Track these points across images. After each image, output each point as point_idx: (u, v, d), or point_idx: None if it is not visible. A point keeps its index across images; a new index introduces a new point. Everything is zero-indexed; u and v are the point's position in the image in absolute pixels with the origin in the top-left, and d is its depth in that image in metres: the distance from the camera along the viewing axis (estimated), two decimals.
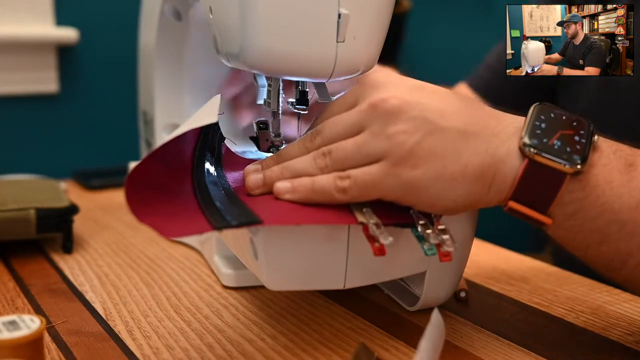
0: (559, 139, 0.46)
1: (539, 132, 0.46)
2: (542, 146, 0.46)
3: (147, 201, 0.45)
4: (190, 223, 0.45)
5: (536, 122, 0.47)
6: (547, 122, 0.47)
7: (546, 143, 0.46)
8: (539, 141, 0.46)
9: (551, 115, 0.47)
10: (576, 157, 0.46)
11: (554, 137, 0.46)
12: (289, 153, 0.51)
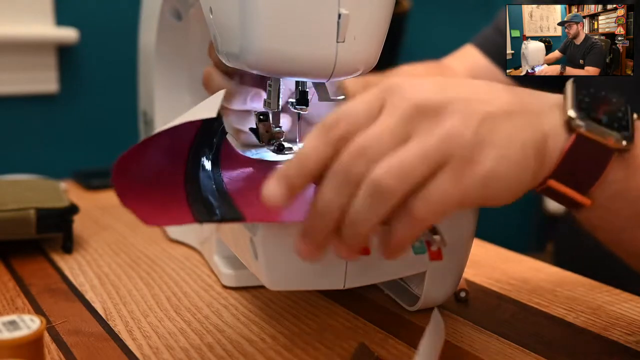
0: (606, 113, 0.44)
1: (584, 106, 0.44)
2: (590, 120, 0.43)
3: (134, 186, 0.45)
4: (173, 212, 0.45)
5: (579, 95, 0.45)
6: (589, 97, 0.45)
7: (594, 117, 0.44)
8: (586, 114, 0.44)
9: (590, 90, 0.45)
10: (625, 132, 0.43)
11: (599, 111, 0.44)
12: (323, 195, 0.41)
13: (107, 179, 1.02)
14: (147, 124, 0.81)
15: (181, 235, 0.75)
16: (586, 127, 0.43)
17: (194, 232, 0.73)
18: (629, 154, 0.44)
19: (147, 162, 0.47)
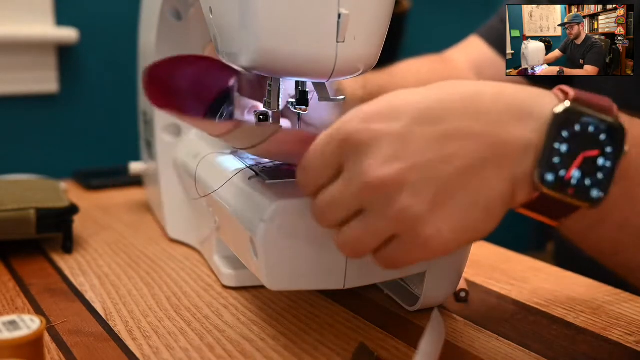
0: (580, 166, 0.41)
1: (557, 160, 0.41)
2: (557, 183, 0.41)
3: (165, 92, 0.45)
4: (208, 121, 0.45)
5: (555, 144, 0.41)
6: (569, 141, 0.41)
7: (562, 178, 0.41)
8: (554, 176, 0.41)
9: (577, 127, 0.41)
10: (595, 191, 0.41)
11: (573, 165, 0.41)
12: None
13: (107, 179, 1.03)
14: (147, 124, 0.81)
15: (181, 235, 0.75)
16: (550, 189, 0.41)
17: (194, 232, 0.73)
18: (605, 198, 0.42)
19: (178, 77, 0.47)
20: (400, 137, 0.41)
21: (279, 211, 0.48)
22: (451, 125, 0.41)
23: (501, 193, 0.41)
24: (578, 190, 0.41)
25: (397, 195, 0.40)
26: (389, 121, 0.41)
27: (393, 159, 0.41)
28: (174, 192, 0.75)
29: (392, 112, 0.41)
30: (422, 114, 0.41)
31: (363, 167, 0.41)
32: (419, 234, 0.41)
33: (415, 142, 0.41)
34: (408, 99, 0.42)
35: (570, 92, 0.42)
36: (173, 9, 0.73)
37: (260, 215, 0.48)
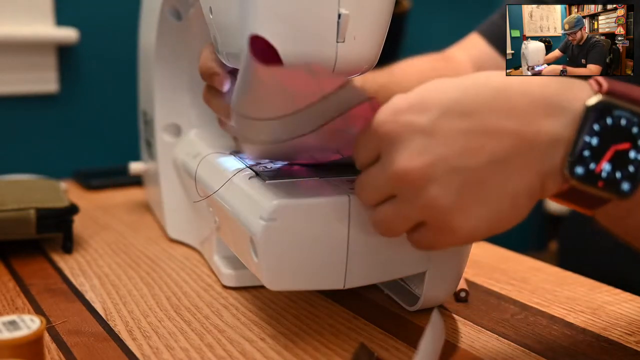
0: (611, 159, 0.41)
1: (588, 154, 0.41)
2: (587, 175, 0.41)
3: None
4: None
5: (586, 137, 0.41)
6: (601, 135, 0.41)
7: (593, 171, 0.41)
8: (584, 169, 0.41)
9: (608, 120, 0.41)
10: (626, 185, 0.41)
11: (604, 158, 0.41)
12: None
13: (107, 179, 1.03)
14: (147, 124, 0.81)
15: (181, 235, 0.75)
16: (580, 181, 0.41)
17: (194, 232, 0.73)
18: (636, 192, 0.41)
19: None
20: (428, 130, 0.42)
21: (279, 211, 0.48)
22: (479, 120, 0.42)
23: (528, 185, 0.42)
24: (608, 183, 0.41)
25: (425, 187, 0.42)
26: (418, 114, 0.42)
27: (421, 152, 0.42)
28: (174, 192, 0.75)
29: (422, 105, 0.42)
30: (451, 108, 0.42)
31: (393, 159, 0.43)
32: (446, 223, 0.42)
33: (443, 136, 0.42)
34: (438, 92, 0.43)
35: (604, 84, 0.42)
36: (173, 9, 0.73)
37: (260, 215, 0.48)
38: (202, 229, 0.70)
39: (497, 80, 0.43)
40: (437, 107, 0.42)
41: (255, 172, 0.55)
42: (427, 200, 0.42)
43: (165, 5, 0.72)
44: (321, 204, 0.48)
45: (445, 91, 0.43)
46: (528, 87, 0.42)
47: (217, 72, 0.61)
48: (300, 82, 0.44)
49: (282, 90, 0.45)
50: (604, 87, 0.41)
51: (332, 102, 0.45)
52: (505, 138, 0.41)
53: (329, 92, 0.44)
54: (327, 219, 0.48)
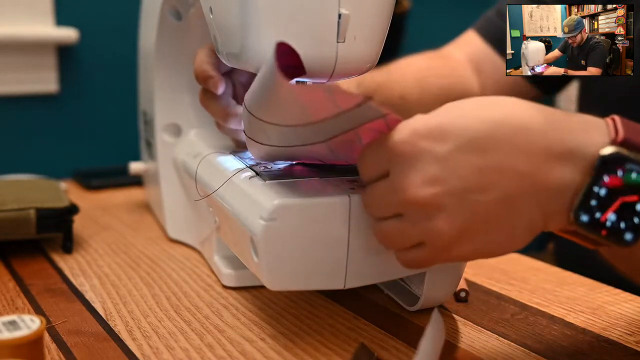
0: (617, 210, 0.42)
1: (595, 203, 0.42)
2: (591, 224, 0.42)
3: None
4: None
5: (595, 187, 0.41)
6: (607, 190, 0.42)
7: (598, 220, 0.42)
8: (590, 217, 0.42)
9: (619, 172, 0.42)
10: (629, 235, 0.42)
11: (610, 208, 0.42)
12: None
13: (107, 179, 1.03)
14: (147, 124, 0.81)
15: (181, 235, 0.75)
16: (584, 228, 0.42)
17: (194, 232, 0.73)
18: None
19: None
20: (443, 160, 0.42)
21: (279, 211, 0.48)
22: (495, 158, 0.42)
23: (531, 223, 0.43)
24: (611, 233, 0.42)
25: (432, 216, 0.43)
26: (436, 142, 0.42)
27: (434, 181, 0.42)
28: (174, 192, 0.75)
29: (441, 133, 0.43)
30: (469, 142, 0.42)
31: (405, 182, 0.43)
32: (445, 248, 0.44)
33: (457, 169, 0.42)
34: (459, 123, 0.43)
35: (620, 132, 0.42)
36: (173, 9, 0.73)
37: (260, 215, 0.48)
38: (202, 229, 0.70)
39: (519, 118, 0.43)
40: (456, 138, 0.42)
41: (255, 172, 0.55)
42: (432, 227, 0.43)
43: (165, 5, 0.72)
44: (321, 204, 0.48)
45: (466, 123, 0.43)
46: (548, 128, 0.43)
47: (212, 75, 0.61)
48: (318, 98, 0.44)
49: (298, 103, 0.45)
50: (620, 135, 0.42)
51: (347, 117, 0.45)
52: (518, 178, 0.42)
53: (345, 110, 0.44)
54: (327, 219, 0.48)
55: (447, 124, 0.43)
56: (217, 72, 0.61)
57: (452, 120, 0.43)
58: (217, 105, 0.62)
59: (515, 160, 0.42)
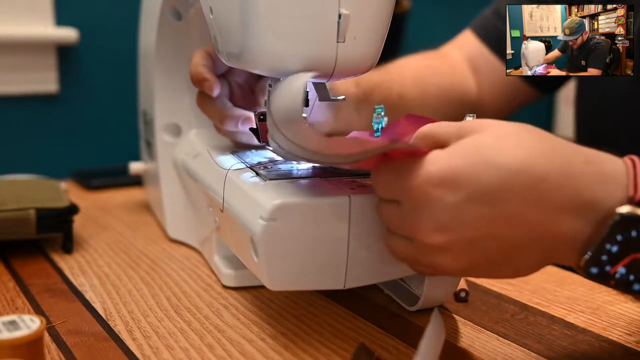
0: (627, 265, 0.42)
1: (606, 258, 0.42)
2: (600, 275, 0.43)
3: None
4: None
5: (607, 244, 0.42)
6: (622, 244, 0.42)
7: (607, 272, 0.42)
8: (599, 270, 0.42)
9: (633, 233, 0.41)
10: (637, 286, 0.42)
11: (620, 262, 0.42)
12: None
13: (107, 179, 1.02)
14: (147, 124, 0.81)
15: (181, 235, 0.75)
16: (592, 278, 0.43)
17: (194, 232, 0.73)
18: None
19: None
20: (454, 210, 0.43)
21: (279, 211, 0.48)
22: (507, 209, 0.42)
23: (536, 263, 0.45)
24: (619, 284, 0.42)
25: (439, 254, 0.44)
26: (448, 191, 0.43)
27: (443, 229, 0.43)
28: (174, 192, 0.75)
29: (454, 181, 0.43)
30: (481, 192, 0.42)
31: (415, 225, 0.44)
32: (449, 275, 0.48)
33: (468, 218, 0.43)
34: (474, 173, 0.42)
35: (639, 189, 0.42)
36: (173, 9, 0.73)
37: (260, 215, 0.48)
38: (202, 229, 0.70)
39: (536, 167, 0.42)
40: (469, 189, 0.42)
41: (255, 172, 0.55)
42: (439, 263, 0.45)
43: (165, 5, 0.72)
44: (321, 203, 0.48)
45: (480, 173, 0.42)
46: (564, 180, 0.42)
47: (206, 78, 0.61)
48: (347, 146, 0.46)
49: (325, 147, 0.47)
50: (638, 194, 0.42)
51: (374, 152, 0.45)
52: (528, 229, 0.43)
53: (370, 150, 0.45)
54: (327, 219, 0.48)
55: (461, 172, 0.43)
56: (212, 75, 0.61)
57: (467, 169, 0.43)
58: (213, 107, 0.62)
59: (527, 211, 0.42)
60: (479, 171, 0.42)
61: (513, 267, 0.45)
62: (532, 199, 0.42)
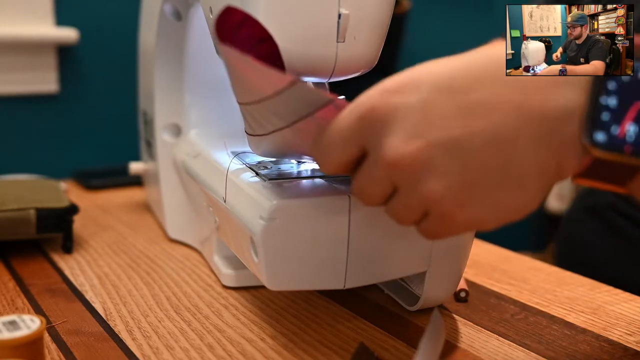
0: (636, 119, 0.35)
1: (607, 118, 0.35)
2: (610, 142, 0.35)
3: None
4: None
5: (601, 99, 0.35)
6: (618, 94, 0.36)
7: (616, 136, 0.35)
8: (606, 135, 0.35)
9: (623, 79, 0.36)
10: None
11: (626, 118, 0.35)
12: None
13: (107, 179, 1.03)
14: (147, 124, 0.81)
15: (181, 235, 0.75)
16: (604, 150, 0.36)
17: (194, 232, 0.73)
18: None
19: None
20: (421, 109, 0.37)
21: (279, 210, 0.48)
22: (479, 94, 0.37)
23: (539, 166, 0.37)
24: (636, 147, 0.35)
25: (423, 176, 0.38)
26: (409, 93, 0.38)
27: (414, 135, 0.38)
28: (174, 192, 0.75)
29: (414, 83, 0.38)
30: (446, 83, 0.38)
31: (385, 147, 0.38)
32: (448, 217, 0.39)
33: (437, 115, 0.37)
34: (431, 69, 0.38)
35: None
36: (173, 9, 0.73)
37: (260, 215, 0.48)
38: (202, 229, 0.70)
39: (500, 51, 0.38)
40: (430, 83, 0.38)
41: (255, 172, 0.55)
42: (427, 192, 0.38)
43: (165, 5, 0.72)
44: (321, 203, 0.49)
45: (437, 68, 0.38)
46: None
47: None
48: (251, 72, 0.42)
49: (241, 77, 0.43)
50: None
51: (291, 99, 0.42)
52: (509, 112, 0.37)
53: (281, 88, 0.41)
54: (327, 218, 0.48)
55: (418, 72, 0.38)
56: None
57: (424, 69, 0.38)
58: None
59: (502, 92, 0.37)
60: (437, 66, 0.38)
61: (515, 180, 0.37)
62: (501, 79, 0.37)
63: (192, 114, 0.76)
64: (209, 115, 0.75)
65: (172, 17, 0.73)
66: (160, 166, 0.76)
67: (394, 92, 0.38)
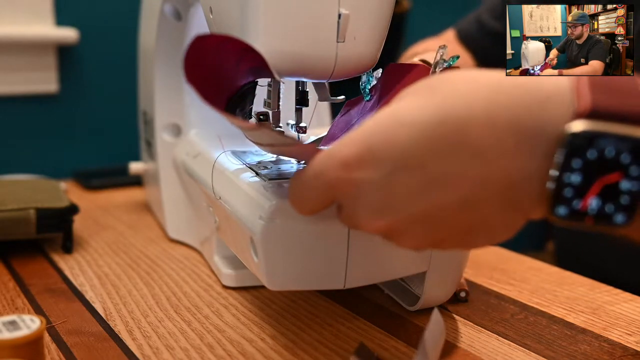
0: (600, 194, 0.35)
1: (569, 194, 0.35)
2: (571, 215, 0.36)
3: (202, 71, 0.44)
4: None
5: (565, 176, 0.35)
6: (583, 170, 0.35)
7: (578, 210, 0.35)
8: (567, 209, 0.35)
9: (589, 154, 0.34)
10: (620, 217, 0.35)
11: (589, 193, 0.35)
12: None
13: (107, 179, 1.03)
14: (147, 124, 0.81)
15: (181, 235, 0.75)
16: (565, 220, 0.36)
17: (194, 232, 0.73)
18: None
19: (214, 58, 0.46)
20: (384, 186, 0.38)
21: (279, 210, 0.48)
22: (437, 169, 0.37)
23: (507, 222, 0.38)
24: (598, 219, 0.36)
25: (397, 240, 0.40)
26: (369, 169, 0.38)
27: (381, 211, 0.39)
28: (174, 192, 0.75)
29: (373, 157, 0.38)
30: (404, 158, 0.37)
31: (355, 218, 0.40)
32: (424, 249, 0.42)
33: (402, 192, 0.38)
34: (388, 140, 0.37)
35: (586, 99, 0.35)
36: (173, 9, 0.73)
37: (260, 215, 0.48)
38: (202, 229, 0.70)
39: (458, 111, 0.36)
40: (389, 159, 0.37)
41: (255, 172, 0.55)
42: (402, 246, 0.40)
43: (165, 5, 0.72)
44: None
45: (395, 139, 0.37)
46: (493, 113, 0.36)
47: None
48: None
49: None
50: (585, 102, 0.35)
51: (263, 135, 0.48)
52: (470, 184, 0.37)
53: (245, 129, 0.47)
54: (327, 219, 0.48)
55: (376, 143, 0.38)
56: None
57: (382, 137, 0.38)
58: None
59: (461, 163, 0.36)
60: (395, 135, 0.37)
61: (483, 231, 0.38)
62: (460, 148, 0.36)
63: (192, 114, 0.76)
64: (209, 115, 0.75)
65: (172, 17, 0.73)
66: (160, 166, 0.76)
67: (354, 167, 0.38)
